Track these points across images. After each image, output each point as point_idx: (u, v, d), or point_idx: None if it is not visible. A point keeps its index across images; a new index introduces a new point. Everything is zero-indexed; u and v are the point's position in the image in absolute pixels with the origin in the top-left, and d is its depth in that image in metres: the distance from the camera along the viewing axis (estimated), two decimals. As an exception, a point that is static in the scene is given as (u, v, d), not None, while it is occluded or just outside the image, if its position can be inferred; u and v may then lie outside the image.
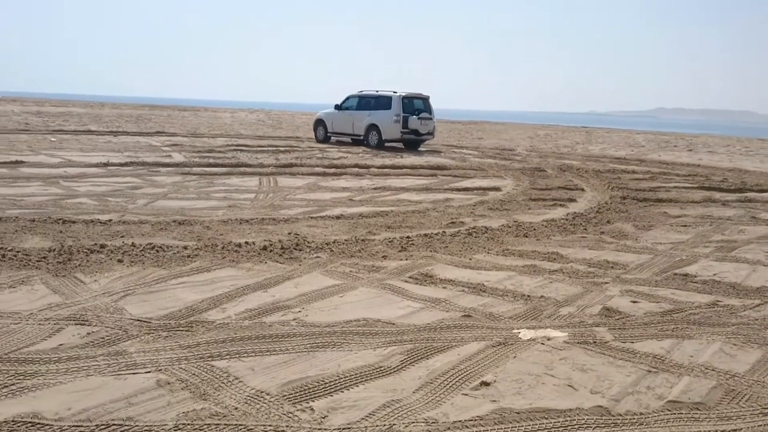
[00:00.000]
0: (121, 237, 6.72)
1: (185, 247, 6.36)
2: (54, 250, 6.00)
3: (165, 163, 13.51)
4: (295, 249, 6.55)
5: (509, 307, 5.06)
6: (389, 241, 7.14)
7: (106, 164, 12.79)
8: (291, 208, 9.09)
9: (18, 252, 5.86)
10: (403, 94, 20.82)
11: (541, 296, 5.35)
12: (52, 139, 18.13)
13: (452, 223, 8.43)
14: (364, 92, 21.78)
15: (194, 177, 11.82)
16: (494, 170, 15.12)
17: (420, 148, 21.31)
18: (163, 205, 8.89)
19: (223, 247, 6.46)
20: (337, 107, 22.06)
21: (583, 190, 12.25)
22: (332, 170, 13.67)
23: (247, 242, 6.68)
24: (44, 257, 5.77)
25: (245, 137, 22.47)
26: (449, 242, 7.27)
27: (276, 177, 12.25)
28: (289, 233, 7.26)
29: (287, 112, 54.08)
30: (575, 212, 9.65)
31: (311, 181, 12.06)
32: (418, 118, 20.60)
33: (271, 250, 6.45)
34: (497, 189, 11.96)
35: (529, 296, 5.35)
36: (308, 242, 6.85)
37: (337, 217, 8.47)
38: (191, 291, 5.11)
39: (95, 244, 6.28)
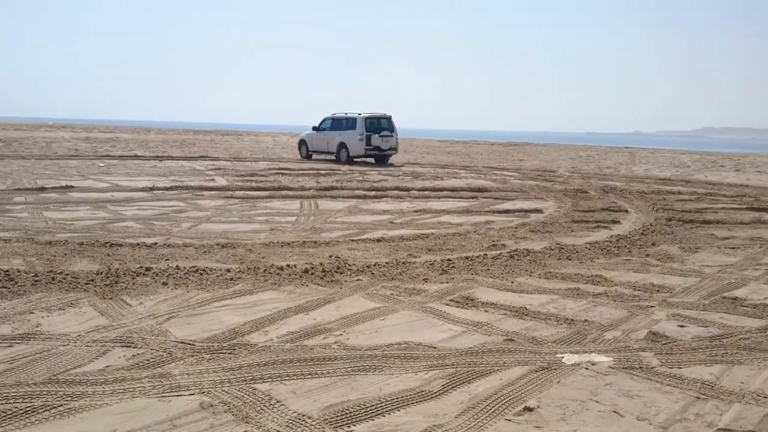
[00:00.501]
0: (166, 260, 6.84)
1: (228, 270, 6.44)
2: (101, 272, 6.14)
3: (208, 186, 13.74)
4: (336, 272, 6.58)
5: (552, 331, 4.99)
6: (430, 264, 7.11)
7: (151, 188, 13.07)
8: (332, 231, 9.14)
9: (67, 275, 6.01)
10: (367, 114, 23.17)
11: (585, 320, 5.26)
12: (100, 165, 18.61)
13: (494, 245, 8.37)
14: (336, 115, 24.27)
15: (237, 200, 12.00)
16: (536, 192, 14.99)
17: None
18: (206, 228, 9.04)
19: (265, 270, 6.52)
20: (315, 128, 24.82)
21: (627, 211, 12.05)
22: (372, 193, 13.73)
23: (288, 265, 6.73)
24: (92, 280, 5.91)
25: (287, 161, 22.76)
26: (491, 265, 7.21)
27: (317, 200, 12.36)
28: (330, 256, 7.30)
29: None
30: (619, 234, 9.49)
31: (352, 203, 12.12)
32: (380, 136, 23.03)
33: (312, 273, 6.48)
34: (539, 211, 11.85)
35: (572, 320, 5.26)
36: (349, 265, 6.87)
37: (378, 240, 8.48)
38: (234, 314, 5.16)
39: (141, 267, 6.41)
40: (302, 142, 25.99)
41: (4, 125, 50.83)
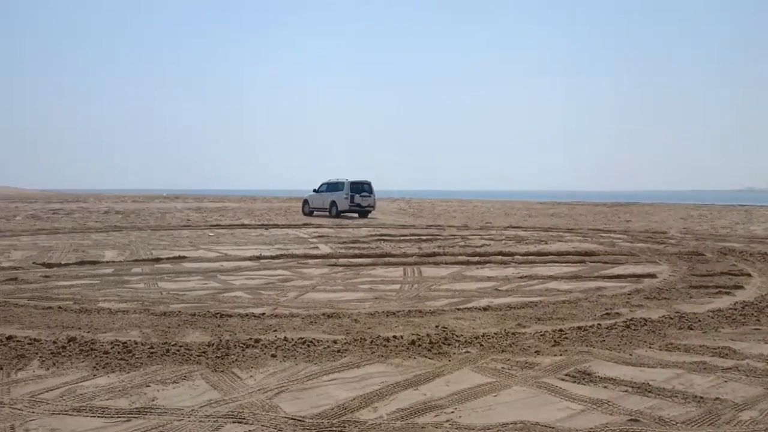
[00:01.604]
0: (274, 331, 6.90)
1: (335, 342, 6.41)
2: (213, 344, 6.24)
3: (313, 254, 13.96)
4: (444, 343, 6.42)
5: (680, 410, 4.61)
6: (541, 335, 6.83)
7: (258, 257, 13.41)
8: (437, 300, 9.00)
9: (181, 347, 6.15)
10: (352, 180, 29.73)
11: (716, 398, 4.85)
12: (210, 234, 19.36)
13: (607, 314, 7.98)
14: (330, 179, 30.54)
15: (341, 268, 12.09)
16: (647, 255, 14.34)
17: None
18: (312, 297, 9.11)
19: (371, 342, 6.44)
20: (315, 191, 31.18)
21: (749, 275, 11.29)
22: (476, 258, 13.53)
23: (395, 336, 6.63)
24: (204, 352, 6.01)
25: (388, 226, 22.93)
26: (606, 336, 6.84)
27: (420, 267, 12.28)
28: (437, 326, 7.15)
29: (426, 200, 54.87)
30: (744, 301, 8.85)
31: (455, 270, 11.96)
32: (360, 196, 29.57)
33: (419, 345, 6.35)
34: (653, 276, 11.28)
35: (702, 398, 4.86)
36: (456, 336, 6.69)
37: (485, 309, 8.27)
38: (342, 388, 5.09)
39: (250, 338, 6.48)
40: (305, 202, 31.82)
41: (123, 197, 54.17)
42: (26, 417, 4.40)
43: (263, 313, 7.81)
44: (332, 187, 30.21)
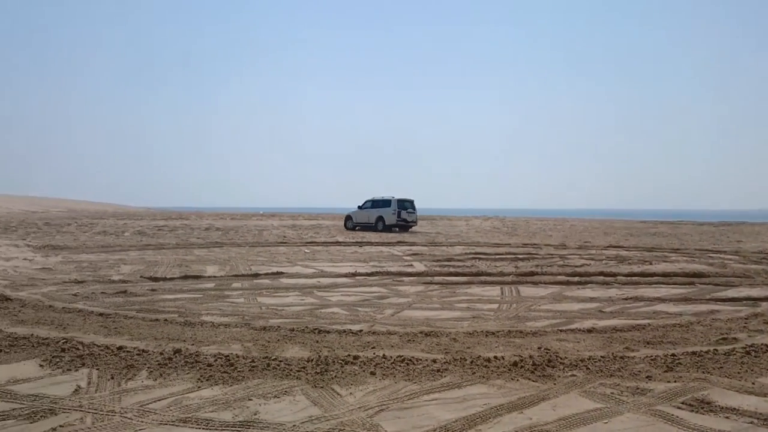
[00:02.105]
0: (372, 348, 6.84)
1: (434, 361, 6.28)
2: (312, 360, 6.24)
3: (407, 272, 13.89)
4: (548, 365, 6.17)
5: (816, 446, 4.22)
6: (651, 359, 6.46)
7: (354, 274, 13.45)
8: (537, 320, 8.72)
9: (281, 361, 6.18)
10: (398, 198, 32.35)
11: None
12: (306, 251, 19.64)
13: (723, 339, 7.48)
14: (374, 197, 33.13)
15: (436, 286, 11.95)
16: (763, 277, 13.45)
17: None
18: (408, 315, 9.02)
19: (471, 362, 6.27)
20: (359, 207, 33.75)
21: None
22: (576, 279, 13.07)
23: (496, 357, 6.43)
24: (303, 367, 6.01)
25: (482, 245, 22.60)
26: (724, 362, 6.39)
27: (518, 286, 11.98)
28: (539, 347, 6.89)
29: (521, 219, 53.95)
30: None
31: (555, 290, 11.58)
32: (406, 211, 32.56)
33: (521, 366, 6.13)
34: (770, 299, 10.54)
35: (839, 434, 4.43)
36: (561, 358, 6.42)
37: (589, 331, 7.93)
38: (444, 409, 4.95)
39: (349, 355, 6.44)
40: (348, 218, 34.41)
41: (222, 215, 56.01)
42: (136, 426, 4.50)
43: (361, 330, 7.77)
44: (378, 203, 32.83)
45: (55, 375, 5.76)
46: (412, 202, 33.20)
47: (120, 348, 6.59)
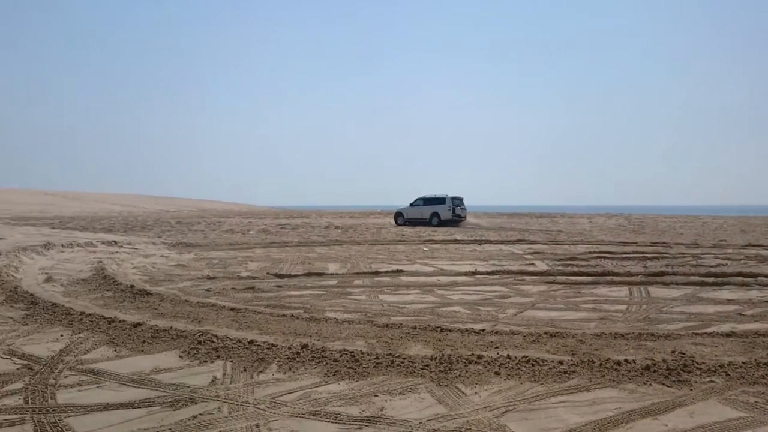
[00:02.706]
0: (495, 348, 6.76)
1: (560, 362, 6.12)
2: (435, 358, 6.24)
3: (529, 271, 13.62)
4: (683, 370, 5.85)
5: None
6: (801, 367, 5.99)
7: (474, 273, 13.35)
8: (669, 323, 8.30)
9: (405, 359, 6.23)
10: (451, 195, 35.69)
11: None
12: (425, 249, 19.70)
13: None
14: (425, 195, 36.39)
15: (560, 286, 11.65)
16: None
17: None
18: (532, 315, 8.84)
19: (600, 364, 6.06)
20: (411, 205, 36.81)
21: None
22: (711, 279, 12.33)
23: (626, 360, 6.18)
24: (427, 365, 6.03)
25: (607, 243, 21.80)
26: None
27: (647, 287, 11.45)
28: (673, 351, 6.56)
29: (648, 216, 51.60)
30: None
31: (688, 291, 10.98)
32: (459, 208, 35.98)
33: (654, 371, 5.85)
34: None
35: None
36: (697, 363, 6.08)
37: (728, 335, 7.46)
38: (573, 411, 4.81)
39: (472, 354, 6.39)
40: (399, 214, 37.27)
41: (341, 213, 57.24)
42: (268, 417, 4.68)
43: (483, 330, 7.69)
44: (430, 201, 36.06)
45: (193, 366, 6.08)
46: (461, 199, 36.62)
47: (251, 342, 6.86)
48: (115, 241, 19.71)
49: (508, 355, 6.36)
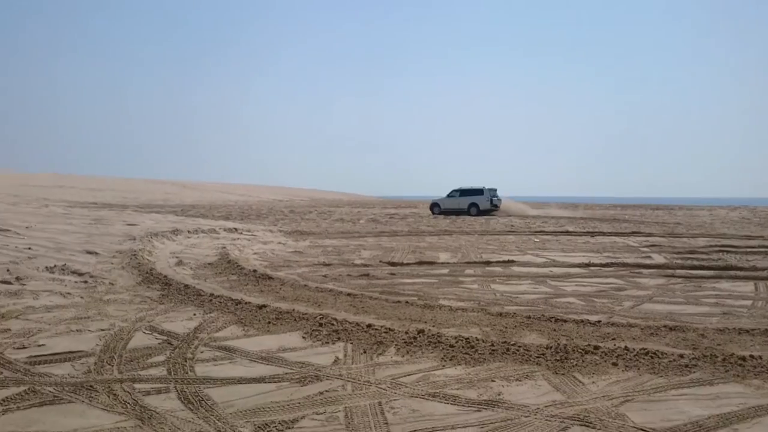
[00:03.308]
0: (612, 339, 6.71)
1: (681, 356, 6.01)
2: (551, 347, 6.28)
3: (646, 264, 13.25)
4: (815, 369, 5.62)
5: None
6: None
7: (587, 264, 13.14)
8: (800, 320, 7.92)
9: (520, 347, 6.31)
10: (488, 187, 37.70)
11: None
12: (536, 240, 19.50)
13: None
14: (462, 187, 38.36)
15: (679, 279, 11.28)
16: None
17: None
18: (649, 308, 8.65)
19: (723, 359, 5.91)
20: (447, 196, 38.67)
21: None
22: None
23: (752, 356, 5.99)
24: (542, 354, 6.09)
25: (730, 237, 20.77)
26: None
27: (774, 282, 10.91)
28: (804, 349, 6.29)
29: (775, 209, 48.53)
30: None
31: (820, 288, 10.38)
32: (495, 198, 37.90)
33: (783, 368, 5.65)
34: None
35: None
36: (831, 362, 5.81)
37: None
38: (695, 404, 4.76)
39: (588, 344, 6.38)
40: (435, 204, 39.07)
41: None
42: (390, 396, 4.90)
43: (599, 321, 7.63)
44: (467, 192, 38.02)
45: (315, 346, 6.42)
46: (495, 190, 38.62)
47: (369, 326, 7.14)
48: (235, 228, 20.69)
49: (625, 346, 6.30)
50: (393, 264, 13.20)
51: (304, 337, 6.77)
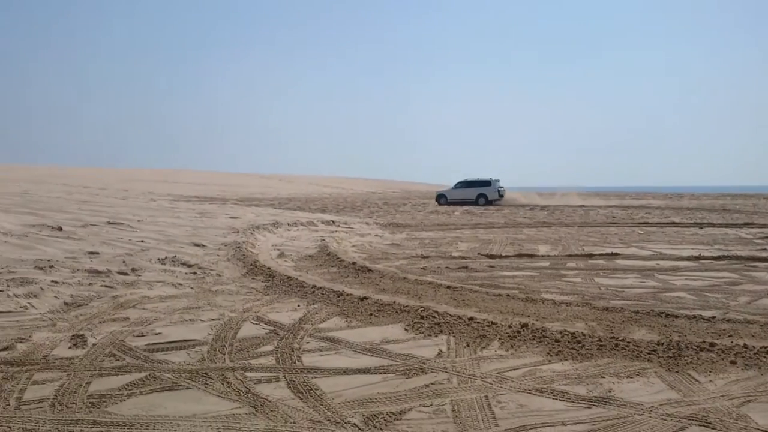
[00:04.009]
0: (729, 336, 6.38)
1: (808, 355, 5.65)
2: (662, 344, 6.04)
3: (761, 257, 12.52)
4: None
5: None
6: None
7: (697, 257, 12.56)
8: None
9: (629, 342, 6.10)
10: (494, 178, 39.27)
11: None
12: (640, 232, 18.81)
13: None
14: (468, 179, 39.69)
15: (800, 274, 10.60)
16: None
17: None
18: (768, 304, 8.18)
19: None
20: (453, 187, 40.09)
21: None
22: None
23: None
24: (654, 350, 5.86)
25: None
26: None
27: None
28: None
29: None
30: None
31: None
32: (502, 189, 39.79)
33: None
34: None
35: None
36: None
37: None
38: (825, 408, 4.45)
39: (703, 341, 6.09)
40: (441, 195, 40.35)
41: (541, 194, 56.16)
42: (496, 391, 4.85)
43: (713, 317, 7.26)
44: (474, 183, 39.26)
45: (418, 339, 6.44)
46: (498, 180, 40.21)
47: (470, 319, 7.09)
48: (332, 221, 21.06)
49: (744, 344, 5.98)
50: (491, 256, 13.06)
51: (406, 329, 6.80)
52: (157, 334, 6.53)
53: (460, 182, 40.36)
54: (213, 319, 7.16)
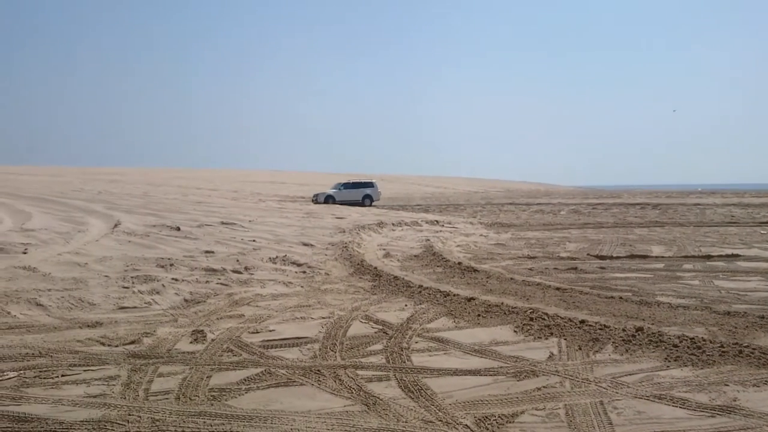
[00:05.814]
0: None
1: None
2: (792, 351, 5.69)
3: None
4: None
5: None
6: None
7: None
8: None
9: (754, 349, 5.78)
10: (375, 180, 40.42)
11: None
12: (762, 232, 17.74)
13: None
14: (350, 181, 40.01)
15: None
16: None
17: None
18: None
19: None
20: (338, 189, 38.31)
21: None
22: None
23: None
24: (783, 358, 5.53)
25: None
26: None
27: None
28: None
29: None
30: None
31: None
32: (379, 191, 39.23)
33: None
34: None
35: None
36: None
37: None
38: None
39: (839, 350, 5.69)
40: (329, 197, 37.92)
41: (656, 193, 53.94)
42: (611, 396, 4.73)
43: None
44: (359, 185, 39.17)
45: (528, 341, 6.36)
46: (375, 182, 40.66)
47: (582, 322, 6.92)
48: (437, 221, 21.09)
49: None
50: (602, 257, 12.69)
51: (515, 331, 6.73)
52: (270, 331, 6.77)
53: (343, 183, 40.78)
54: (323, 318, 7.35)
